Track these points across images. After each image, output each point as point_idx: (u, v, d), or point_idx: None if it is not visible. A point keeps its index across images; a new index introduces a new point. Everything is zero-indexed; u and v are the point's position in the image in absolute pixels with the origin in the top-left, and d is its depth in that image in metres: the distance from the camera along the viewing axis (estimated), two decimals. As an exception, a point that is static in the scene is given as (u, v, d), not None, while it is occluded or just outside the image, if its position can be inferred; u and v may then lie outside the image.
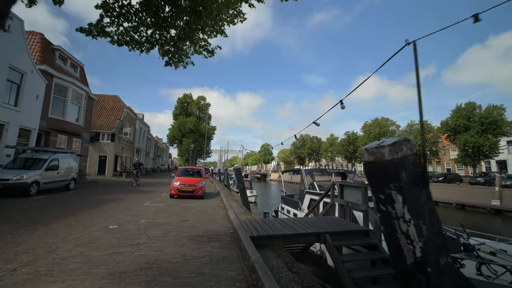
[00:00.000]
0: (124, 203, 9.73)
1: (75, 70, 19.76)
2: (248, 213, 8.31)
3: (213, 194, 14.63)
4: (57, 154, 12.42)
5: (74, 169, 13.56)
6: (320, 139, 72.07)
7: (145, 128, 42.61)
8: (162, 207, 9.20)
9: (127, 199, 10.85)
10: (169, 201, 10.75)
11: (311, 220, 6.32)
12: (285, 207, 13.47)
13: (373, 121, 46.40)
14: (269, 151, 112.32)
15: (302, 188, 12.35)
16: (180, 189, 11.61)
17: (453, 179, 31.69)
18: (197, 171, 13.85)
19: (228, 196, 13.22)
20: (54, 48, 17.35)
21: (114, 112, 30.93)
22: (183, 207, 9.27)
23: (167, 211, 8.28)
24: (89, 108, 21.14)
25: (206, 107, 41.37)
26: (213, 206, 9.97)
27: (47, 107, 15.99)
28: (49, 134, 16.40)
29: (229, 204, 9.75)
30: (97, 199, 10.62)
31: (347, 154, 54.59)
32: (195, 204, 10.32)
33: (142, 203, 9.90)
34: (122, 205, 9.23)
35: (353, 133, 54.37)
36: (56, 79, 16.46)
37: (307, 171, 12.35)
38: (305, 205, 11.64)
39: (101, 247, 4.42)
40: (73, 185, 13.35)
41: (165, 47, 5.28)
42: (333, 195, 7.24)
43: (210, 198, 12.41)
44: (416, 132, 37.99)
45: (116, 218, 6.98)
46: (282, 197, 14.34)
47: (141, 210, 8.41)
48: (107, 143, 27.68)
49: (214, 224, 6.63)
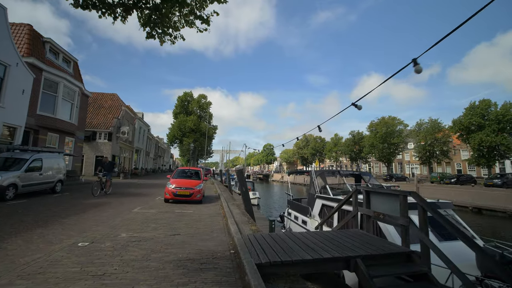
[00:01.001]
0: (110, 209, 8.52)
1: (68, 65, 18.65)
2: (252, 223, 7.06)
3: (213, 197, 13.39)
4: (41, 153, 11.26)
5: (61, 170, 12.40)
6: (324, 139, 70.64)
7: (145, 128, 41.55)
8: (153, 214, 7.97)
9: (115, 204, 9.65)
10: (163, 207, 9.53)
11: (333, 236, 5.04)
12: (292, 213, 12.18)
13: (380, 120, 44.91)
14: (271, 152, 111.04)
15: (311, 191, 11.06)
16: (176, 193, 10.39)
17: (466, 181, 30.16)
18: (195, 172, 12.62)
19: (229, 200, 11.98)
20: (44, 40, 16.24)
21: (112, 110, 29.87)
22: (177, 215, 8.03)
23: (157, 220, 7.04)
24: (83, 105, 20.03)
25: (207, 106, 40.13)
26: (212, 213, 8.73)
27: (35, 103, 14.87)
28: (38, 132, 15.27)
29: (230, 211, 8.51)
30: (82, 204, 9.43)
31: (352, 154, 53.14)
32: (192, 210, 9.09)
33: (132, 209, 8.68)
34: (107, 212, 8.02)
35: (359, 132, 52.91)
36: (45, 73, 15.34)
37: (318, 172, 11.05)
38: (315, 211, 10.35)
39: (50, 281, 3.18)
40: (60, 188, 12.18)
41: (145, 11, 4.03)
42: (355, 203, 5.96)
43: (209, 203, 11.17)
44: (426, 131, 36.54)
45: (93, 230, 5.75)
46: (289, 201, 13.03)
47: (128, 218, 7.18)
48: (104, 142, 26.58)
49: (210, 239, 5.38)
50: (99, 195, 11.63)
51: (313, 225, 10.32)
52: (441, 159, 37.23)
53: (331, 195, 9.60)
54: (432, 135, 35.57)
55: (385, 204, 5.13)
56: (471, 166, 40.07)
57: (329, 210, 9.62)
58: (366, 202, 5.58)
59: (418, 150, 38.28)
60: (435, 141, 35.90)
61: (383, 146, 43.52)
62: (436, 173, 36.47)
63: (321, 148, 68.63)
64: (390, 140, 42.37)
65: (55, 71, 15.83)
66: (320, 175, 10.77)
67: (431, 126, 36.24)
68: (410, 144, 50.46)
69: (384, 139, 42.57)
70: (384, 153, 43.41)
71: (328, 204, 9.67)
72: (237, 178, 10.51)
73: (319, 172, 11.15)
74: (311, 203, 10.98)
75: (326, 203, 9.81)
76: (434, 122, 36.60)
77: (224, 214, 8.27)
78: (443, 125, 36.31)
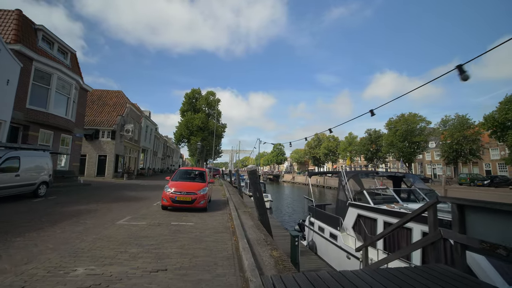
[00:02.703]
0: (89, 220, 6.70)
1: (65, 57, 17.18)
2: (271, 244, 5.06)
3: (221, 202, 11.48)
4: (20, 151, 9.61)
5: (46, 171, 10.75)
6: (337, 138, 67.77)
7: (152, 127, 40.20)
8: (140, 229, 6.09)
9: (100, 213, 7.84)
10: (158, 216, 7.66)
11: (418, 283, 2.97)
12: (316, 222, 10.08)
13: (399, 117, 41.96)
14: (281, 152, 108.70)
15: (341, 197, 8.95)
16: (175, 199, 8.51)
17: (501, 183, 27.14)
18: (200, 173, 10.72)
19: (239, 207, 10.02)
20: (36, 28, 14.76)
21: (117, 108, 28.49)
22: (172, 230, 6.12)
23: (143, 240, 5.14)
24: (81, 100, 18.54)
25: (215, 103, 38.26)
26: (218, 226, 6.78)
27: (24, 96, 13.36)
28: (28, 128, 13.77)
29: (242, 224, 6.55)
30: (59, 213, 7.67)
31: (369, 154, 50.26)
32: (193, 221, 7.17)
33: (116, 221, 6.84)
34: (83, 225, 6.19)
35: (376, 131, 49.97)
36: (36, 63, 13.83)
37: (350, 174, 8.91)
38: (348, 223, 8.25)
39: None
40: (44, 191, 10.53)
41: None
42: (435, 223, 3.85)
43: (215, 210, 9.25)
44: (452, 128, 33.50)
45: (41, 260, 3.89)
46: (311, 208, 10.93)
47: (104, 236, 5.32)
48: (107, 141, 25.16)
49: (212, 280, 3.41)
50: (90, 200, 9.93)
51: (346, 241, 8.20)
52: (470, 158, 34.05)
53: (371, 204, 7.47)
54: (461, 132, 32.51)
55: (498, 228, 3.03)
56: (502, 166, 36.68)
57: (369, 223, 7.49)
58: (458, 222, 3.48)
59: (443, 149, 35.23)
60: (463, 139, 32.81)
61: (403, 144, 40.61)
62: (466, 173, 33.34)
63: (334, 147, 65.78)
64: (411, 138, 39.43)
65: (47, 61, 14.30)
66: (353, 178, 8.63)
67: (459, 123, 33.17)
68: (431, 143, 47.21)
69: (404, 137, 39.65)
70: (404, 152, 40.49)
71: (366, 215, 7.55)
72: (250, 180, 8.50)
73: (352, 173, 9.00)
74: (341, 212, 8.87)
75: (363, 213, 7.68)
76: (462, 118, 33.49)
77: (234, 228, 6.30)
78: (472, 121, 33.17)
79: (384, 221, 6.73)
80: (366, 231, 7.45)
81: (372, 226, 7.23)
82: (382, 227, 6.75)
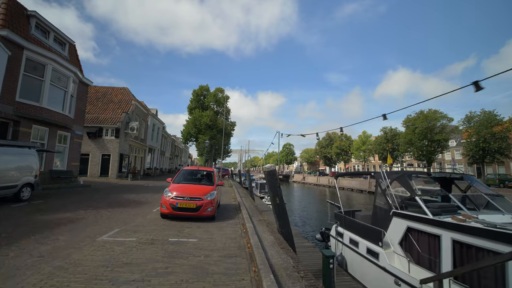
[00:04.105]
0: (65, 234, 5.19)
1: (62, 48, 15.92)
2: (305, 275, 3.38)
3: (231, 208, 9.88)
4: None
5: (31, 171, 9.38)
6: (350, 137, 65.29)
7: (159, 125, 39.01)
8: (126, 249, 4.52)
9: (83, 224, 6.34)
10: (153, 228, 6.10)
11: None
12: (346, 234, 8.28)
13: (418, 114, 39.47)
14: (291, 151, 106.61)
15: (381, 204, 7.16)
16: (176, 205, 6.94)
17: (536, 184, 24.63)
18: (207, 174, 9.11)
19: (253, 213, 8.38)
20: (29, 14, 13.50)
21: (122, 105, 27.31)
22: (169, 251, 4.52)
23: (123, 270, 3.56)
24: (81, 95, 17.27)
25: (224, 100, 36.69)
26: (229, 245, 5.15)
27: (14, 88, 12.09)
28: (19, 123, 12.50)
29: (260, 242, 4.91)
30: (34, 222, 6.20)
31: (384, 153, 47.78)
32: (197, 236, 5.57)
33: (100, 234, 5.31)
34: (53, 243, 4.68)
35: (392, 129, 47.47)
36: (27, 52, 12.55)
37: (394, 174, 7.11)
38: (393, 238, 6.45)
39: None
40: (28, 194, 9.16)
41: None
42: None
43: (225, 219, 7.64)
44: (478, 125, 30.91)
45: None
46: (338, 215, 9.11)
47: (71, 263, 3.76)
48: (110, 139, 23.95)
49: None
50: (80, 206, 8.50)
51: (392, 261, 6.40)
52: (497, 158, 31.37)
53: (429, 215, 5.66)
54: (488, 129, 29.91)
55: None
56: (534, 166, 33.81)
57: (425, 240, 5.68)
58: None
59: (469, 147, 32.62)
60: (491, 137, 30.19)
61: (423, 143, 38.16)
62: (495, 174, 30.72)
63: (347, 147, 63.36)
64: (431, 136, 36.95)
65: (40, 50, 13.02)
66: (399, 180, 6.83)
67: (486, 119, 30.56)
68: (451, 141, 44.43)
69: (424, 135, 37.20)
70: (424, 151, 38.03)
71: (421, 228, 5.74)
72: (268, 183, 6.80)
73: (397, 174, 7.19)
74: (380, 223, 7.07)
75: (416, 226, 5.87)
76: (489, 114, 30.85)
77: (251, 249, 4.67)
78: (501, 118, 30.49)
79: (454, 239, 4.94)
80: (421, 251, 5.67)
81: (433, 244, 5.44)
82: (451, 248, 4.97)
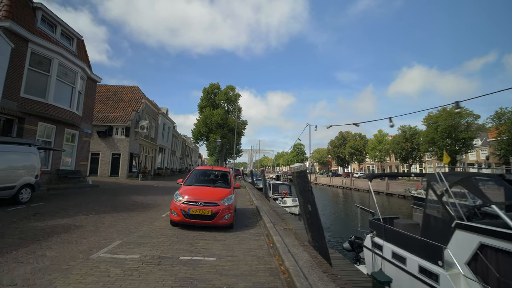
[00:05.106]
0: (55, 248, 4.20)
1: (70, 43, 15.27)
2: None
3: (249, 213, 8.76)
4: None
5: (31, 171, 8.57)
6: (364, 136, 63.07)
7: (170, 125, 38.44)
8: (126, 272, 3.47)
9: (79, 233, 5.36)
10: (161, 240, 5.04)
11: None
12: (387, 246, 6.95)
13: (440, 111, 37.22)
14: (302, 151, 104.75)
15: (437, 213, 5.82)
16: (188, 212, 5.87)
17: None
18: (222, 175, 7.99)
19: (276, 221, 7.21)
20: (35, 6, 12.85)
21: (132, 104, 26.75)
22: (180, 276, 3.42)
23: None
24: (90, 92, 16.61)
25: (235, 98, 35.68)
26: (257, 267, 4.00)
27: (18, 83, 11.42)
28: (23, 120, 11.84)
29: (295, 262, 3.74)
30: (23, 231, 5.28)
31: (403, 153, 45.57)
32: (215, 252, 4.45)
33: (97, 249, 4.29)
34: (35, 262, 3.68)
35: (411, 127, 45.20)
36: (32, 45, 11.87)
37: (454, 177, 5.79)
38: (458, 257, 5.11)
39: None
40: (28, 196, 8.35)
41: None
42: None
43: (245, 228, 6.51)
44: (510, 122, 28.61)
45: None
46: (374, 223, 7.75)
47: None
48: (120, 138, 23.35)
49: None
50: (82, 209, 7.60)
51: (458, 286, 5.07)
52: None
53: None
54: (523, 126, 27.65)
55: None
56: None
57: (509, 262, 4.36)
58: None
59: (500, 146, 30.31)
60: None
61: (446, 142, 35.95)
62: (529, 175, 28.32)
63: (361, 146, 61.18)
64: (456, 134, 34.72)
65: (46, 44, 12.34)
66: (462, 183, 5.50)
67: (520, 116, 28.27)
68: (476, 141, 41.80)
69: (448, 133, 35.00)
70: (447, 150, 35.79)
71: (503, 247, 4.40)
72: (297, 187, 5.58)
73: (458, 176, 5.84)
74: (436, 236, 5.72)
75: (495, 244, 4.52)
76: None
77: (287, 275, 3.51)
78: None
79: None
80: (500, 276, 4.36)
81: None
82: None
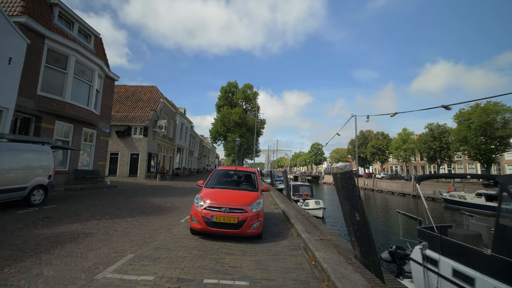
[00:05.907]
0: (55, 264, 3.43)
1: (88, 40, 15.00)
2: None
3: (276, 219, 7.78)
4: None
5: (45, 171, 8.07)
6: (387, 135, 60.21)
7: (188, 124, 38.22)
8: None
9: (87, 243, 4.62)
10: (180, 254, 4.17)
11: None
12: (444, 262, 5.67)
13: (473, 108, 34.47)
14: (320, 151, 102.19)
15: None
16: (210, 220, 4.98)
17: None
18: (246, 176, 7.02)
19: (309, 228, 6.15)
20: (52, 2, 12.58)
21: (151, 103, 26.59)
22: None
23: None
24: (108, 90, 16.32)
25: (253, 97, 34.88)
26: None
27: (35, 81, 11.14)
28: (40, 119, 11.56)
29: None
30: (25, 240, 4.61)
31: (431, 153, 42.78)
32: (245, 274, 3.48)
33: (104, 265, 3.48)
34: (27, 284, 2.91)
35: (439, 125, 42.33)
36: (49, 41, 11.57)
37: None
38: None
39: None
40: (40, 197, 7.86)
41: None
42: None
43: (275, 238, 5.53)
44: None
45: None
46: (426, 232, 6.42)
47: None
48: (139, 138, 23.14)
49: None
50: (96, 212, 6.96)
51: None
52: None
53: None
54: None
55: None
56: None
57: None
58: None
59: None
60: None
61: (480, 140, 33.21)
62: None
63: (384, 146, 58.40)
64: (491, 132, 31.96)
65: (63, 40, 12.03)
66: None
67: None
68: None
69: (482, 131, 32.29)
70: (482, 150, 33.06)
71: None
72: (342, 191, 4.49)
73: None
74: None
75: None
76: None
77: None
78: None
79: None
80: None
81: None
82: None
